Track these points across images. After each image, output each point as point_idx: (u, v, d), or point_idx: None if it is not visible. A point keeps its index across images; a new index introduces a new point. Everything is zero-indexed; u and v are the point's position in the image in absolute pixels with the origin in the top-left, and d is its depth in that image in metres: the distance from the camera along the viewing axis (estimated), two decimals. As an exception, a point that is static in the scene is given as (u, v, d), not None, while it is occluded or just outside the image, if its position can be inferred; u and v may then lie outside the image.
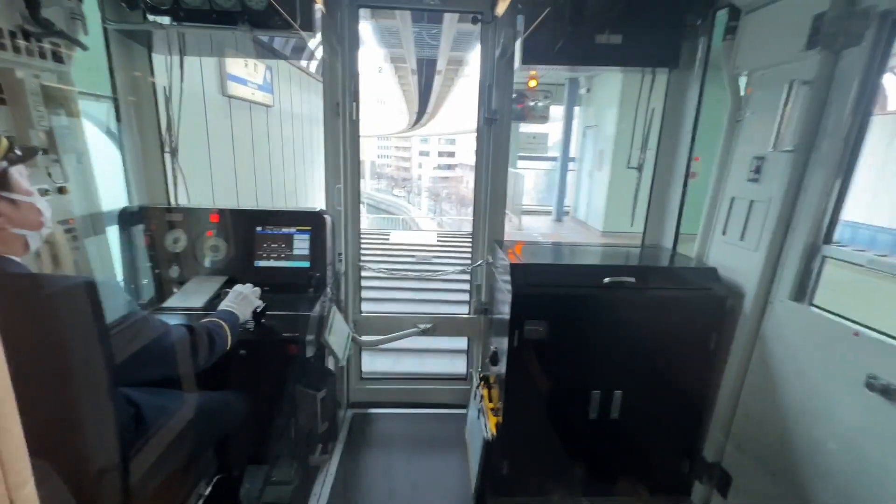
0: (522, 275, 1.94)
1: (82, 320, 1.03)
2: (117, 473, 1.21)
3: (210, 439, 1.58)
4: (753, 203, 1.89)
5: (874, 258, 1.48)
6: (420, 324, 2.81)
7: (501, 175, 2.58)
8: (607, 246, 2.89)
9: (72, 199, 1.88)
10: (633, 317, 1.95)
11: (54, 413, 0.97)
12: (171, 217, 2.24)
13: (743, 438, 1.95)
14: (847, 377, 1.48)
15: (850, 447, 1.47)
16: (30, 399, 0.91)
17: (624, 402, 2.02)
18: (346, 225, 2.50)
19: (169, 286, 2.18)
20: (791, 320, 1.73)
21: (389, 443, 2.59)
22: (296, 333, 1.90)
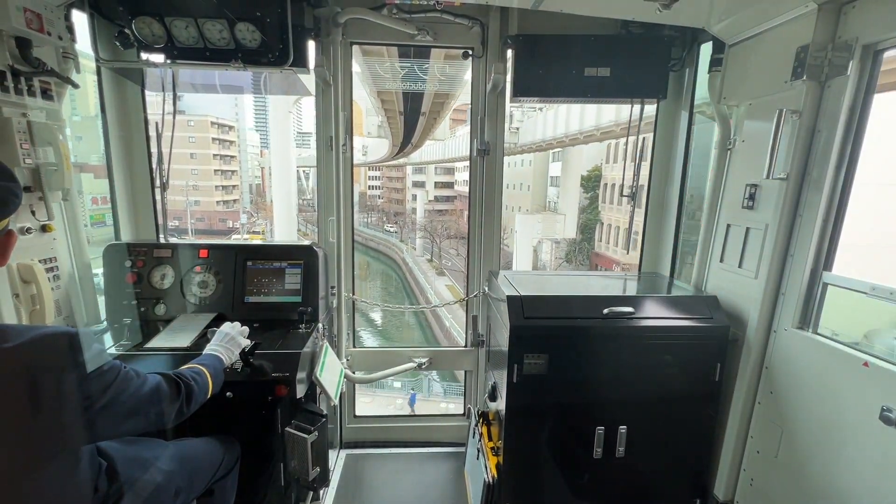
0: (520, 306, 1.89)
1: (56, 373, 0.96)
2: (88, 535, 1.11)
3: (192, 490, 1.47)
4: (750, 230, 1.88)
5: (877, 285, 1.45)
6: (416, 357, 2.73)
7: (496, 205, 2.57)
8: (605, 274, 2.85)
9: (56, 237, 1.83)
10: (635, 348, 1.89)
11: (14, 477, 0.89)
12: (159, 253, 2.19)
13: (756, 475, 1.86)
14: (860, 409, 1.43)
15: (868, 483, 1.40)
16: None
17: (629, 438, 1.93)
18: (339, 258, 2.46)
19: (155, 325, 2.10)
20: (797, 349, 1.68)
21: (385, 486, 2.45)
22: (286, 373, 1.82)
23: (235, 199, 36.79)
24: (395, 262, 31.17)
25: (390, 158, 27.62)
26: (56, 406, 0.96)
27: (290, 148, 19.06)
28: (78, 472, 1.06)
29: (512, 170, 29.16)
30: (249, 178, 45.07)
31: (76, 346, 0.97)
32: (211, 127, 34.01)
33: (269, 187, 41.89)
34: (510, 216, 25.82)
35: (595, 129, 13.76)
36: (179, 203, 29.49)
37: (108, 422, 1.09)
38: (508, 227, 27.61)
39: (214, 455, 1.58)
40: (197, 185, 33.44)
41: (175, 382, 1.29)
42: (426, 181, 43.45)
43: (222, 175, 35.03)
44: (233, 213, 35.72)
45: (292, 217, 18.10)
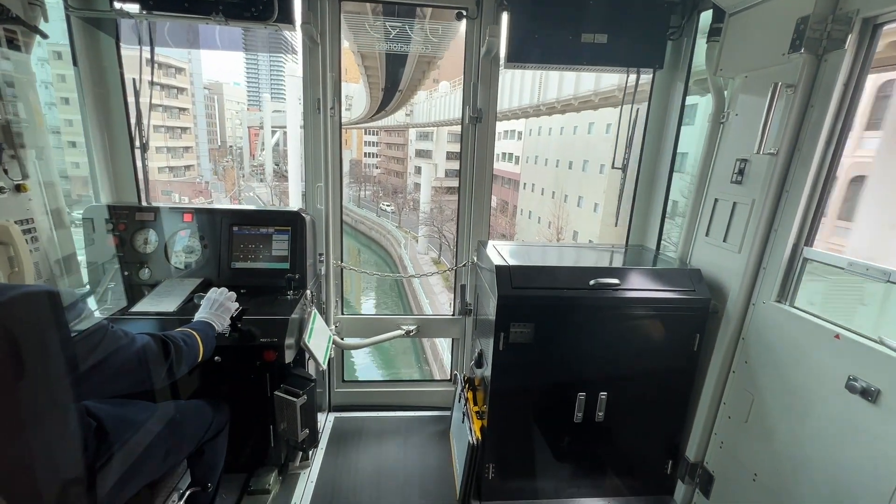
0: (508, 277, 1.91)
1: (39, 332, 0.95)
2: (80, 492, 1.13)
3: (182, 450, 1.50)
4: (737, 205, 1.90)
5: (854, 261, 1.49)
6: (404, 325, 2.76)
7: (486, 174, 2.54)
8: (592, 246, 2.89)
9: (32, 198, 1.77)
10: (619, 318, 1.94)
11: (2, 435, 0.89)
12: (142, 216, 2.14)
13: (726, 439, 1.96)
14: (828, 379, 1.50)
15: (832, 448, 1.49)
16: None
17: (609, 403, 2.01)
18: (327, 225, 2.43)
19: (139, 289, 2.08)
20: (773, 322, 1.74)
21: (372, 447, 2.53)
22: (274, 338, 1.83)
23: (189, 164, 26.69)
24: (391, 256, 24.23)
25: (366, 119, 24.99)
26: (42, 365, 0.95)
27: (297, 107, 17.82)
28: (68, 431, 1.07)
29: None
30: (215, 137, 35.54)
31: (58, 305, 0.95)
32: (146, 66, 28.00)
33: (261, 150, 37.55)
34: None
35: (593, 94, 12.88)
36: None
37: (97, 381, 1.09)
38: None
39: (203, 417, 1.61)
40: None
41: (164, 343, 1.29)
42: (434, 151, 31.71)
43: (167, 132, 24.94)
44: (184, 184, 25.49)
45: (298, 185, 16.79)
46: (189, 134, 27.58)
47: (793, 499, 1.61)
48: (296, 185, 15.40)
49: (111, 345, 1.12)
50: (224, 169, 34.21)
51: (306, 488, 2.19)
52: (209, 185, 29.16)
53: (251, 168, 36.89)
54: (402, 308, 18.11)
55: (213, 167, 33.25)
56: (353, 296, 19.34)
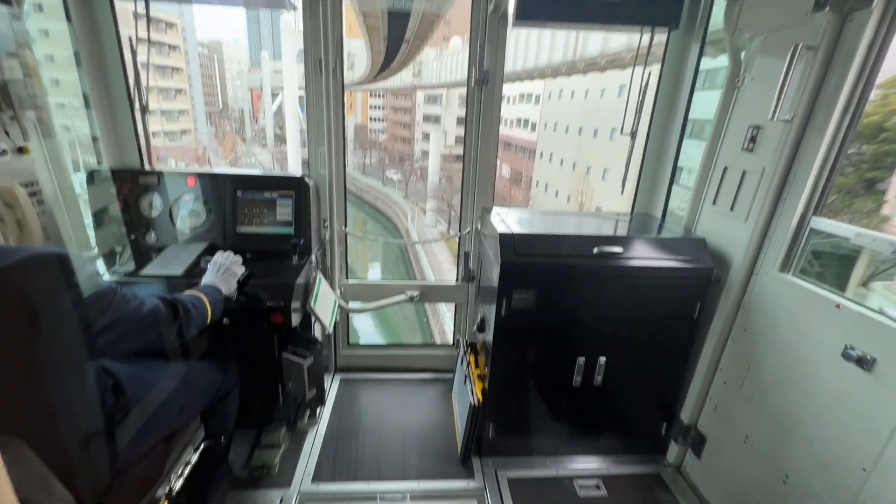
0: (511, 244, 1.91)
1: (51, 293, 0.97)
2: (101, 444, 1.20)
3: (195, 408, 1.57)
4: (746, 173, 1.87)
5: (861, 231, 1.48)
6: (407, 290, 2.80)
7: (492, 139, 2.49)
8: (597, 214, 2.87)
9: (34, 160, 1.76)
10: (621, 286, 1.95)
11: (24, 389, 0.93)
12: (145, 180, 2.13)
13: (720, 403, 2.02)
14: (825, 347, 1.52)
15: (823, 415, 1.53)
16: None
17: (607, 368, 2.06)
18: (330, 191, 2.41)
19: (146, 252, 2.10)
20: (775, 291, 1.75)
21: (377, 406, 2.63)
22: (280, 302, 1.87)
23: (184, 129, 24.82)
24: (397, 228, 23.10)
25: (370, 79, 23.30)
26: (55, 325, 0.98)
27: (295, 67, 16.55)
28: (85, 388, 1.11)
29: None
30: (215, 99, 32.70)
31: (69, 267, 0.97)
32: (141, 21, 24.21)
33: (263, 114, 35.72)
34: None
35: (625, 50, 11.17)
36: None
37: (108, 342, 1.13)
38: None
39: (214, 376, 1.67)
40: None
41: (173, 306, 1.32)
42: (444, 115, 28.58)
43: (160, 94, 23.69)
44: (181, 149, 23.89)
45: (297, 150, 15.92)
46: (184, 95, 25.52)
47: (780, 460, 1.68)
48: (294, 151, 14.82)
49: (121, 307, 1.15)
50: (224, 133, 32.14)
51: (314, 443, 2.29)
52: (207, 151, 27.18)
53: (253, 132, 35.75)
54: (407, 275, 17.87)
55: (213, 131, 32.01)
56: (360, 269, 18.73)
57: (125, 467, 1.25)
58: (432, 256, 16.66)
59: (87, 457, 1.14)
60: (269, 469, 2.07)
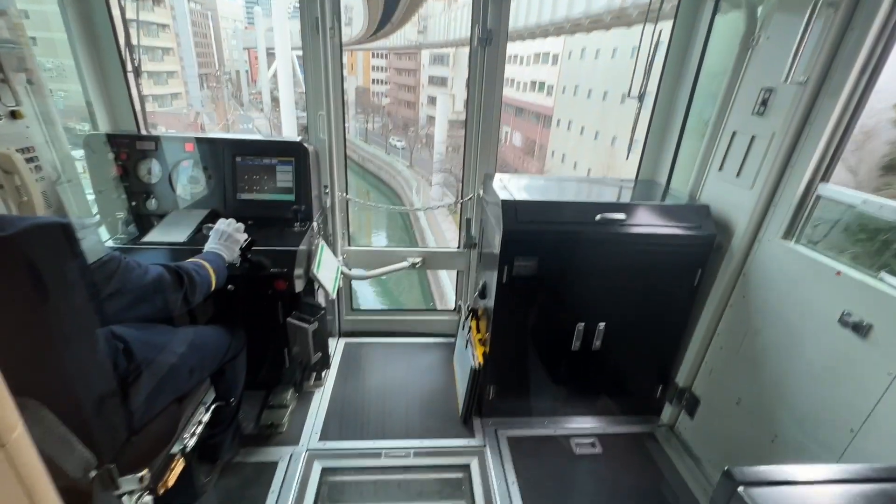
0: (513, 211, 1.90)
1: (55, 262, 0.98)
2: (116, 404, 1.24)
3: (204, 370, 1.62)
4: (755, 138, 1.82)
5: (868, 198, 1.46)
6: (409, 257, 2.81)
7: (496, 102, 2.43)
8: (601, 181, 2.83)
9: (29, 125, 1.73)
10: (623, 253, 1.95)
11: (37, 355, 0.96)
12: (142, 145, 2.10)
13: (715, 367, 2.07)
14: (823, 314, 1.54)
15: (816, 378, 1.57)
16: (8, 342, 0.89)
17: (606, 333, 2.09)
18: (331, 156, 2.38)
19: (148, 220, 2.10)
20: (777, 258, 1.75)
21: (381, 369, 2.70)
22: (284, 269, 1.88)
23: (174, 93, 22.60)
24: (401, 200, 21.59)
25: (368, 37, 21.47)
26: (62, 293, 1.00)
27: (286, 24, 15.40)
28: (96, 352, 1.15)
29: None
30: (211, 60, 29.19)
31: (72, 236, 0.97)
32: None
33: (261, 76, 33.45)
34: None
35: (632, 7, 9.83)
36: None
37: (115, 309, 1.15)
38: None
39: (222, 340, 1.71)
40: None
41: (176, 273, 1.34)
42: (451, 78, 26.39)
43: (146, 54, 20.12)
44: (171, 115, 21.51)
45: (292, 114, 14.91)
46: (172, 56, 23.37)
47: (771, 421, 1.74)
48: (289, 115, 14.01)
49: (125, 275, 1.16)
50: (216, 97, 29.52)
51: (321, 404, 2.38)
52: (199, 116, 24.92)
53: (251, 96, 34.32)
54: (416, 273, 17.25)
55: (210, 94, 29.54)
56: (362, 242, 18.43)
57: (140, 426, 1.31)
58: (438, 231, 16.19)
59: (102, 416, 1.18)
60: (277, 427, 2.16)
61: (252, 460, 2.02)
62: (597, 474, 2.07)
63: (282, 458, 2.04)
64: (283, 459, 2.03)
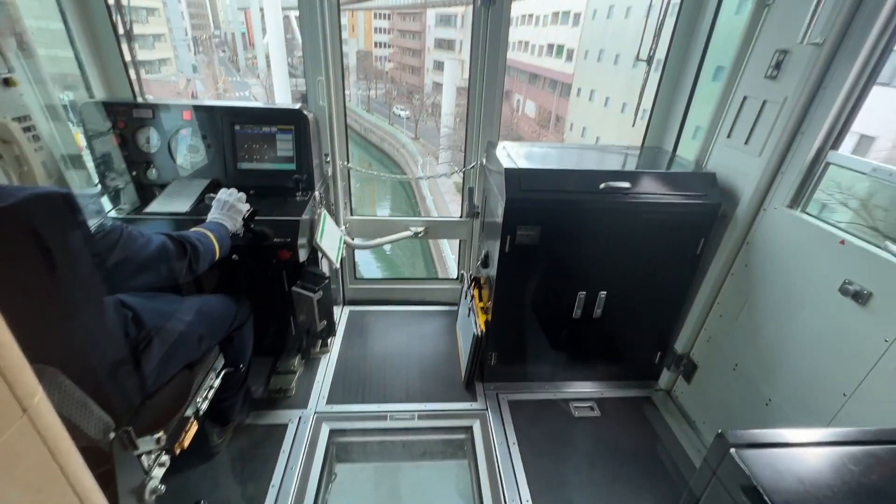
0: (517, 180, 1.88)
1: (58, 232, 0.98)
2: (128, 370, 1.28)
3: (212, 338, 1.65)
4: (766, 103, 1.77)
5: (879, 166, 1.44)
6: (412, 227, 2.81)
7: (500, 66, 2.35)
8: (606, 148, 2.78)
9: (23, 93, 1.70)
10: (626, 222, 1.95)
11: (47, 324, 0.98)
12: (139, 113, 2.06)
13: (714, 334, 2.10)
14: (824, 282, 1.54)
15: (813, 345, 1.59)
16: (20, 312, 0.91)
17: (608, 301, 2.12)
18: (331, 124, 2.33)
19: (150, 189, 2.09)
20: (781, 227, 1.74)
21: (385, 336, 2.76)
22: (287, 238, 1.89)
23: (163, 58, 19.58)
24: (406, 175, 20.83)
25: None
26: (67, 262, 1.01)
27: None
28: (106, 320, 1.17)
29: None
30: (206, 21, 26.85)
31: (74, 205, 0.98)
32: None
33: (257, 39, 31.44)
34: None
35: None
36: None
37: (119, 279, 1.17)
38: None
39: (228, 308, 1.74)
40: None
41: (180, 242, 1.35)
42: (460, 41, 24.12)
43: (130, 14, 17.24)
44: (159, 84, 17.73)
45: (285, 81, 13.86)
46: (158, 17, 20.77)
47: (766, 386, 1.78)
48: (282, 81, 13.03)
49: (129, 244, 1.17)
50: (209, 61, 27.27)
51: (327, 370, 2.45)
52: (190, 84, 22.48)
53: (247, 61, 32.88)
54: (419, 247, 15.76)
55: (206, 60, 27.57)
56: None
57: (153, 391, 1.35)
58: (442, 205, 15.77)
59: (116, 382, 1.23)
60: (286, 392, 2.23)
61: (263, 422, 2.10)
62: (594, 436, 2.15)
63: (291, 420, 2.12)
64: (293, 422, 2.11)
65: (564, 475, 1.94)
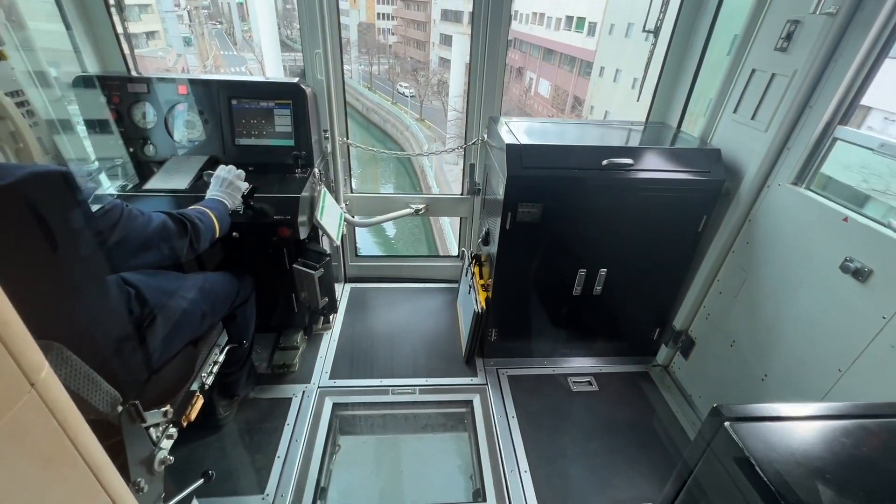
0: (518, 156, 1.86)
1: (57, 210, 0.98)
2: (134, 346, 1.30)
3: (215, 315, 1.67)
4: (775, 77, 1.73)
5: (886, 141, 1.41)
6: (412, 204, 2.79)
7: (502, 37, 2.29)
8: (610, 124, 2.74)
9: (14, 67, 1.66)
10: (628, 199, 1.93)
11: (51, 301, 0.99)
12: (134, 88, 2.02)
13: (713, 311, 2.12)
14: (825, 259, 1.54)
15: (810, 321, 1.60)
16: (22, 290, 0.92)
17: (608, 278, 2.12)
18: (329, 98, 2.29)
19: (147, 166, 2.08)
20: (784, 204, 1.73)
21: (386, 313, 2.79)
22: (287, 216, 1.89)
23: (151, 31, 17.15)
24: (411, 162, 18.81)
25: None
26: (68, 240, 1.01)
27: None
28: (109, 298, 1.18)
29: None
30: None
31: (73, 184, 0.97)
32: None
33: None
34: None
35: None
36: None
37: (121, 257, 1.17)
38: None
39: (231, 285, 1.75)
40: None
41: (180, 220, 1.35)
42: (469, 12, 12.60)
43: None
44: (144, 59, 12.61)
45: (276, 55, 13.34)
46: None
47: (762, 362, 1.80)
48: (273, 55, 12.33)
49: (129, 223, 1.17)
50: (201, 35, 24.96)
51: (329, 346, 2.48)
52: (180, 60, 21.32)
53: (243, 34, 31.72)
54: (422, 230, 14.64)
55: (202, 32, 27.45)
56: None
57: (159, 366, 1.38)
58: (447, 189, 15.31)
59: (122, 358, 1.25)
60: (289, 367, 2.27)
61: (267, 396, 2.15)
62: (592, 409, 2.19)
63: (295, 394, 2.17)
64: (297, 396, 2.16)
65: (562, 447, 2.00)
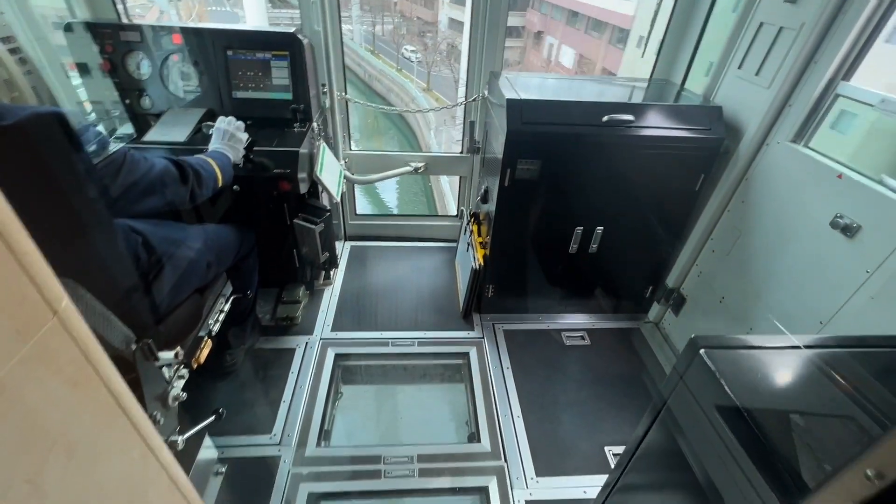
0: (518, 111, 1.85)
1: (61, 153, 0.99)
2: (142, 291, 1.35)
3: (220, 265, 1.71)
4: (782, 30, 1.69)
5: (887, 97, 1.41)
6: (412, 162, 2.79)
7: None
8: (613, 80, 2.69)
9: (3, 11, 1.62)
10: (628, 156, 1.94)
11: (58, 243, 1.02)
12: (126, 36, 1.97)
13: (705, 269, 2.17)
14: (816, 216, 1.57)
15: (796, 276, 1.65)
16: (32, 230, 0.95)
17: (604, 236, 2.16)
18: (327, 50, 2.23)
19: (144, 119, 2.06)
20: (781, 162, 1.74)
21: (386, 269, 2.84)
22: (287, 170, 1.89)
23: None
24: (415, 136, 17.86)
25: None
26: (72, 182, 1.03)
27: None
28: (117, 243, 1.21)
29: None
30: None
31: (69, 127, 0.97)
32: None
33: None
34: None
35: None
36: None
37: (125, 202, 1.19)
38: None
39: (233, 238, 1.78)
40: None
41: (181, 166, 1.36)
42: None
43: None
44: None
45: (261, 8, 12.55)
46: None
47: (748, 316, 1.87)
48: (255, 9, 11.57)
49: (133, 168, 1.18)
50: None
51: (331, 300, 2.55)
52: (162, 17, 19.97)
53: None
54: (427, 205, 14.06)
55: None
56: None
57: (168, 312, 1.43)
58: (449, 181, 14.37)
59: (131, 302, 1.29)
60: (292, 320, 2.34)
61: (272, 347, 2.23)
62: (583, 362, 2.29)
63: (298, 345, 2.25)
64: (300, 347, 2.24)
65: (553, 395, 2.10)
